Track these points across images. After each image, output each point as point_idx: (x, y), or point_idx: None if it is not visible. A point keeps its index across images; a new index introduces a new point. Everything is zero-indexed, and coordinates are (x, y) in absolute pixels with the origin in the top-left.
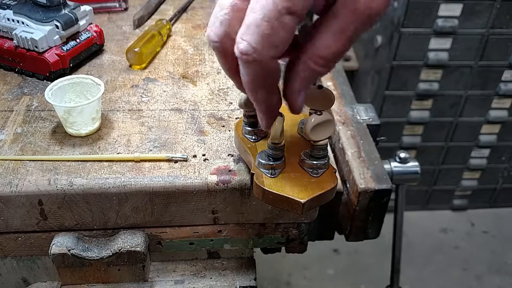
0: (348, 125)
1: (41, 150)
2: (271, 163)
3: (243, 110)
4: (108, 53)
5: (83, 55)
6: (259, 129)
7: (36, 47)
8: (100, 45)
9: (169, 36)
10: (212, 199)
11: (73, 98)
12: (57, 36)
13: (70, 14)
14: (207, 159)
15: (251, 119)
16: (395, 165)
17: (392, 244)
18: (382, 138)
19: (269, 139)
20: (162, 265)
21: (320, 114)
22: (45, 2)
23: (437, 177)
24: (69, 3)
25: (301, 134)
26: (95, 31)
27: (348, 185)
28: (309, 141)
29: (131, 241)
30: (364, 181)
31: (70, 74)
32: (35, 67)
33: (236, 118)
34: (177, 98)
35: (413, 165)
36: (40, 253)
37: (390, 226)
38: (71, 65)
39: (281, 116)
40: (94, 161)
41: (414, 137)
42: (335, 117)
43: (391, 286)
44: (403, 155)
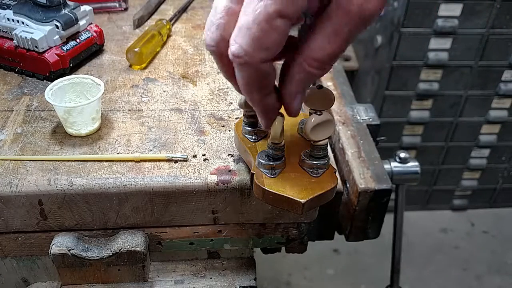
0: (348, 125)
1: (41, 150)
2: (271, 163)
3: (243, 110)
4: (108, 53)
5: (83, 55)
6: (259, 129)
7: (36, 47)
8: (100, 45)
9: (169, 36)
10: (212, 199)
11: (73, 98)
12: (57, 36)
13: (70, 14)
14: (207, 159)
15: (251, 119)
16: (395, 165)
17: (392, 244)
18: (382, 138)
19: (269, 139)
20: (162, 265)
21: (320, 114)
22: (45, 2)
23: (437, 177)
24: (69, 3)
25: (301, 134)
26: (95, 31)
27: (348, 185)
28: (309, 141)
29: (131, 241)
30: (364, 181)
31: (70, 74)
32: (35, 67)
33: (236, 118)
34: (177, 98)
35: (413, 165)
36: (40, 253)
37: (390, 226)
38: (71, 65)
39: (281, 116)
40: (94, 161)
41: (414, 137)
42: (335, 117)
43: (391, 286)
44: (403, 155)
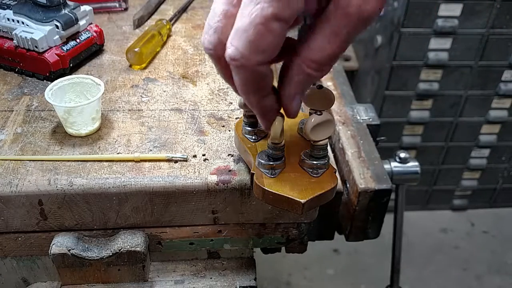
0: (348, 125)
1: (41, 150)
2: (271, 163)
3: (243, 110)
4: (108, 53)
5: (83, 55)
6: (259, 129)
7: (36, 47)
8: (100, 45)
9: (169, 36)
10: (212, 199)
11: (73, 98)
12: (57, 36)
13: (70, 14)
14: (207, 159)
15: (251, 119)
16: (395, 165)
17: (392, 244)
18: (382, 138)
19: (269, 139)
20: (162, 265)
21: (320, 114)
22: (45, 2)
23: (437, 177)
24: (69, 3)
25: (301, 134)
26: (95, 31)
27: (348, 185)
28: (309, 141)
29: (131, 241)
30: (364, 181)
31: (70, 74)
32: (35, 67)
33: (236, 118)
34: (177, 98)
35: (413, 165)
36: (40, 253)
37: (390, 226)
38: (71, 65)
39: (281, 116)
40: (94, 161)
41: (414, 137)
42: (335, 117)
43: (391, 286)
44: (403, 155)
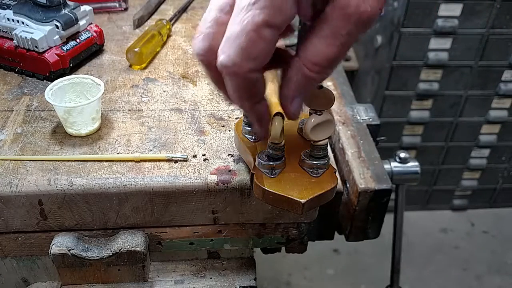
0: (348, 125)
1: (41, 150)
2: (271, 163)
3: (243, 111)
4: (108, 53)
5: (83, 55)
6: None
7: (36, 47)
8: (100, 45)
9: (169, 36)
10: (212, 199)
11: (73, 98)
12: (57, 36)
13: (70, 14)
14: (207, 159)
15: None
16: (395, 165)
17: (392, 244)
18: (382, 138)
19: (269, 139)
20: (162, 265)
21: (320, 114)
22: (45, 2)
23: (437, 177)
24: (69, 3)
25: (301, 134)
26: (95, 31)
27: (348, 185)
28: (309, 141)
29: (131, 241)
30: (364, 181)
31: (70, 74)
32: (35, 67)
33: (236, 118)
34: (177, 98)
35: (413, 165)
36: (40, 253)
37: (390, 226)
38: (71, 65)
39: (281, 116)
40: (94, 161)
41: (414, 137)
42: (335, 117)
43: (391, 286)
44: (403, 155)
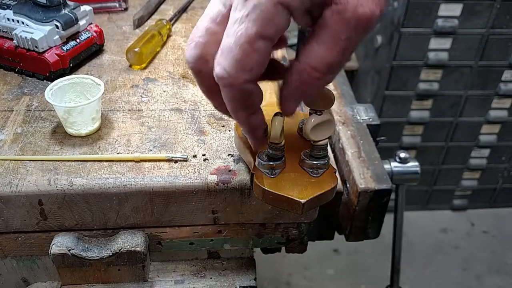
0: (348, 125)
1: (41, 150)
2: (271, 163)
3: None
4: (108, 53)
5: (83, 55)
6: None
7: (36, 47)
8: (100, 45)
9: (169, 36)
10: (212, 199)
11: (73, 98)
12: (57, 36)
13: (70, 14)
14: (207, 159)
15: None
16: (395, 165)
17: (392, 244)
18: (382, 138)
19: (269, 139)
20: (162, 265)
21: (320, 114)
22: (45, 2)
23: (437, 177)
24: (69, 3)
25: (301, 134)
26: (95, 31)
27: (348, 185)
28: (309, 141)
29: (131, 241)
30: (364, 181)
31: (70, 74)
32: (35, 67)
33: None
34: (177, 98)
35: (413, 165)
36: (40, 253)
37: (390, 226)
38: (71, 65)
39: (281, 116)
40: (94, 161)
41: (414, 137)
42: (335, 117)
43: (391, 286)
44: (403, 155)
